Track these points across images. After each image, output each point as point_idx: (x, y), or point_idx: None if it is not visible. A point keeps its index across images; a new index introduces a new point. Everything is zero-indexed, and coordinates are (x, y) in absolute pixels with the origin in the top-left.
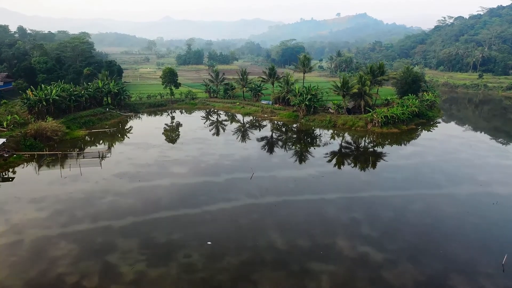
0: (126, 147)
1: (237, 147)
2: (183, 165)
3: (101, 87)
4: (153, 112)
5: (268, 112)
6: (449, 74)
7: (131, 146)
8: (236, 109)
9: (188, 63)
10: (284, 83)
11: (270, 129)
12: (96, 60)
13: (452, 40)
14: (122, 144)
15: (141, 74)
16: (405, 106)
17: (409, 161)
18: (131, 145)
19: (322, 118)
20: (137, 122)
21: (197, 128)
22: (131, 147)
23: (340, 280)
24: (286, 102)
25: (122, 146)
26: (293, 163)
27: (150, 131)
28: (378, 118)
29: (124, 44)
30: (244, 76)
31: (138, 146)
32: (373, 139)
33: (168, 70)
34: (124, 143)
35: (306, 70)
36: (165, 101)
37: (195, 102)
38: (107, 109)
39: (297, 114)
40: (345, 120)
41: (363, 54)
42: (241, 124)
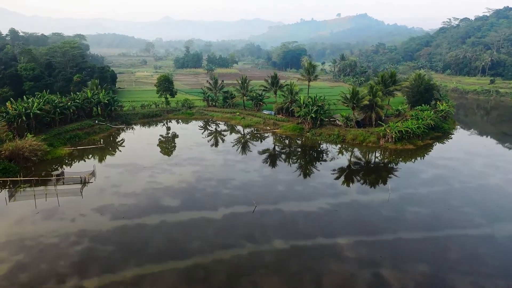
0: (113, 170)
1: (237, 170)
2: (176, 195)
3: (90, 97)
4: (147, 123)
5: (270, 124)
6: (457, 79)
7: (119, 168)
8: (236, 120)
9: (186, 67)
10: (287, 93)
11: (273, 144)
12: (88, 65)
13: (458, 42)
14: (109, 165)
15: (137, 79)
16: (420, 119)
17: (432, 188)
18: (118, 167)
19: (330, 132)
20: (129, 135)
21: (193, 144)
22: (118, 170)
23: None
24: (290, 113)
25: (108, 168)
26: (301, 192)
27: (141, 147)
28: (392, 133)
29: (122, 45)
30: (244, 84)
31: (126, 168)
32: (387, 156)
33: (163, 78)
34: (111, 163)
35: (311, 78)
36: (160, 110)
37: (192, 112)
38: (96, 121)
39: (302, 127)
40: (355, 134)
41: (366, 56)
42: (241, 137)
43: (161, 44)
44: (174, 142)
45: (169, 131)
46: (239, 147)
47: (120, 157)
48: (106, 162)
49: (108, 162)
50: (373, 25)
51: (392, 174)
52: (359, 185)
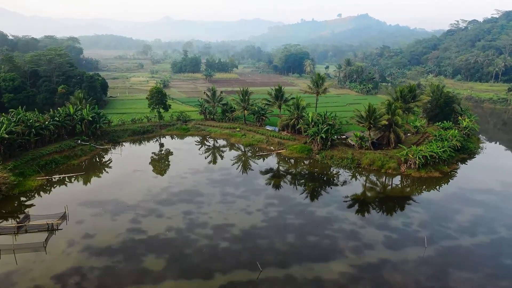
0: (89, 210)
1: (237, 210)
2: (161, 251)
3: (73, 114)
4: (137, 140)
5: (275, 143)
6: (469, 85)
7: (96, 207)
8: (237, 137)
9: (184, 71)
10: (293, 108)
11: (279, 170)
12: (78, 72)
13: (467, 46)
14: (86, 202)
15: (131, 85)
16: (445, 140)
17: (476, 239)
18: (96, 205)
19: (342, 155)
20: (115, 157)
21: (187, 171)
22: (95, 210)
23: None
24: (296, 130)
25: (84, 207)
26: (316, 244)
27: (127, 176)
28: (415, 159)
29: (120, 46)
30: (245, 97)
31: (106, 207)
32: (410, 185)
33: (155, 90)
34: (89, 200)
35: (319, 91)
36: (152, 125)
37: (188, 127)
38: (79, 141)
39: (310, 147)
40: (371, 159)
41: (370, 60)
42: (242, 159)
43: (160, 45)
44: (165, 167)
45: (161, 151)
46: (240, 173)
47: (100, 190)
48: (82, 197)
49: (85, 198)
50: (375, 25)
51: (421, 213)
52: (385, 234)
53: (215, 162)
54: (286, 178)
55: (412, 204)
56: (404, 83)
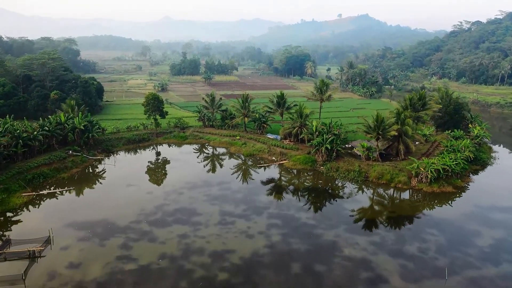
0: (76, 234)
1: (237, 233)
2: (153, 285)
3: (64, 122)
4: (132, 149)
5: (277, 153)
6: (474, 88)
7: (84, 229)
8: (237, 146)
9: (183, 73)
10: (296, 116)
11: (281, 184)
12: (73, 76)
13: (471, 47)
14: (72, 223)
15: (129, 89)
16: (457, 151)
17: (501, 268)
18: (84, 227)
19: (349, 167)
20: (109, 169)
21: (184, 186)
22: (82, 233)
23: None
24: (300, 139)
25: (70, 229)
26: (324, 277)
27: (119, 191)
28: (427, 172)
29: (119, 47)
30: (245, 104)
31: (94, 229)
32: (421, 201)
33: (151, 97)
34: (76, 221)
35: (323, 98)
36: (149, 133)
37: (185, 135)
38: (70, 151)
39: (315, 158)
40: (380, 172)
41: (372, 61)
42: (242, 171)
43: (159, 45)
44: (160, 181)
45: (157, 161)
46: (240, 187)
47: (90, 209)
48: (70, 217)
49: (73, 217)
50: (375, 26)
51: (437, 235)
52: (401, 263)
53: (214, 173)
54: (290, 194)
55: (426, 224)
56: (408, 86)
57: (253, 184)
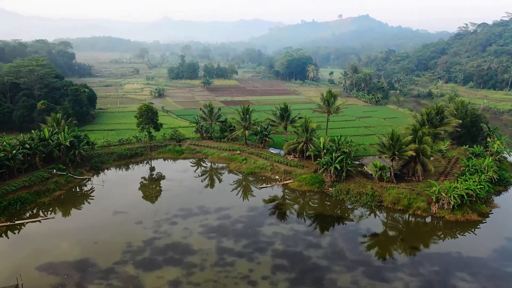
0: (49, 279)
1: (237, 278)
2: None
3: (48, 138)
4: (124, 165)
5: (280, 172)
6: (482, 93)
7: (59, 274)
8: (237, 161)
9: (181, 77)
10: (302, 130)
11: (287, 211)
12: (64, 83)
13: (477, 50)
14: (46, 266)
15: (125, 94)
16: (479, 171)
17: None
18: (59, 272)
19: (361, 189)
20: (96, 191)
21: (177, 214)
22: (56, 279)
23: None
24: (305, 155)
25: (43, 274)
26: None
27: (105, 220)
28: (449, 198)
29: (117, 48)
30: (246, 116)
31: (71, 272)
32: (446, 233)
33: (145, 108)
34: (51, 263)
35: (331, 111)
36: (142, 147)
37: (182, 149)
38: (54, 170)
39: (322, 178)
40: (396, 196)
41: (376, 64)
42: (242, 194)
43: (158, 47)
44: (152, 206)
45: (150, 181)
46: (241, 215)
47: (69, 245)
48: (45, 256)
49: (48, 257)
50: (376, 27)
51: (471, 282)
52: None
53: (212, 196)
54: (296, 222)
55: (456, 265)
56: (413, 90)
57: (255, 210)
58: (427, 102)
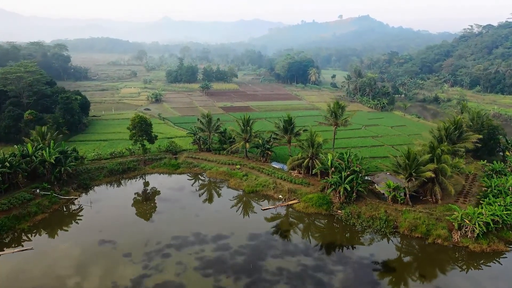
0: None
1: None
2: None
3: (32, 154)
4: (115, 182)
5: (284, 190)
6: (490, 97)
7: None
8: (237, 177)
9: (179, 81)
10: (307, 145)
11: (291, 238)
12: (54, 90)
13: (484, 53)
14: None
15: (121, 99)
16: (503, 192)
17: None
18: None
19: (373, 212)
20: (83, 213)
21: (171, 243)
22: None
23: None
24: (311, 171)
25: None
26: None
27: (89, 251)
28: (473, 226)
29: (116, 49)
30: (246, 128)
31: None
32: (470, 265)
33: (138, 120)
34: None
35: (338, 123)
36: (136, 161)
37: (178, 163)
38: (38, 190)
39: (330, 198)
40: (412, 221)
41: (379, 67)
42: (242, 219)
43: (157, 48)
44: (142, 234)
45: (142, 201)
46: (241, 244)
47: (45, 284)
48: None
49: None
50: (377, 27)
51: None
52: None
53: (209, 220)
54: (303, 254)
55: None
56: (419, 95)
57: (258, 238)
58: (433, 107)
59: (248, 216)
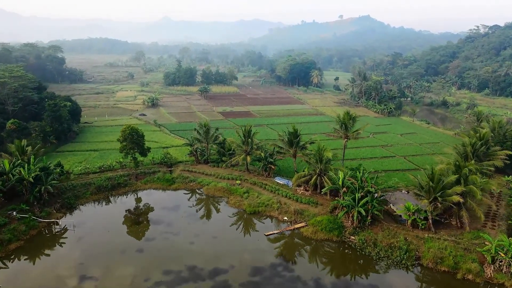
0: None
1: None
2: None
3: (9, 171)
4: (103, 199)
5: (290, 212)
6: (500, 101)
7: None
8: (237, 194)
9: (177, 83)
10: (315, 160)
11: (299, 273)
12: (44, 95)
13: (491, 54)
14: None
15: (115, 104)
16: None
17: None
18: None
19: (391, 239)
20: (65, 238)
21: (161, 281)
22: None
23: None
24: (319, 188)
25: None
26: None
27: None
28: (510, 258)
29: (115, 50)
30: (248, 140)
31: None
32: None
33: (129, 131)
34: None
35: (349, 136)
36: (126, 175)
37: (173, 177)
38: (14, 212)
39: (341, 222)
40: (437, 253)
41: (382, 68)
42: (243, 247)
43: (157, 48)
44: (129, 267)
45: (130, 225)
46: (242, 281)
47: None
48: None
49: None
50: (377, 27)
51: None
52: None
53: (206, 249)
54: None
55: None
56: (426, 98)
57: (261, 273)
58: (441, 112)
59: (250, 244)
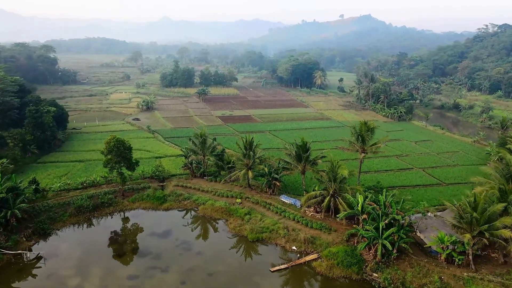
0: None
1: None
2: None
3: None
4: (84, 222)
5: (299, 240)
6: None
7: None
8: (237, 216)
9: (175, 85)
10: (327, 179)
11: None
12: (28, 99)
13: (502, 54)
14: None
15: (108, 107)
16: None
17: None
18: None
19: (423, 279)
20: (34, 275)
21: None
22: None
23: None
24: (332, 212)
25: None
26: None
27: None
28: None
29: (112, 50)
30: (250, 153)
31: None
32: None
33: (114, 143)
34: None
35: (366, 150)
36: (112, 192)
37: (164, 195)
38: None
39: (360, 254)
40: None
41: (388, 69)
42: (245, 282)
43: (156, 48)
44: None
45: (112, 254)
46: None
47: None
48: None
49: None
50: (379, 27)
51: None
52: None
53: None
54: None
55: None
56: (435, 100)
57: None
58: (453, 115)
59: (253, 284)
